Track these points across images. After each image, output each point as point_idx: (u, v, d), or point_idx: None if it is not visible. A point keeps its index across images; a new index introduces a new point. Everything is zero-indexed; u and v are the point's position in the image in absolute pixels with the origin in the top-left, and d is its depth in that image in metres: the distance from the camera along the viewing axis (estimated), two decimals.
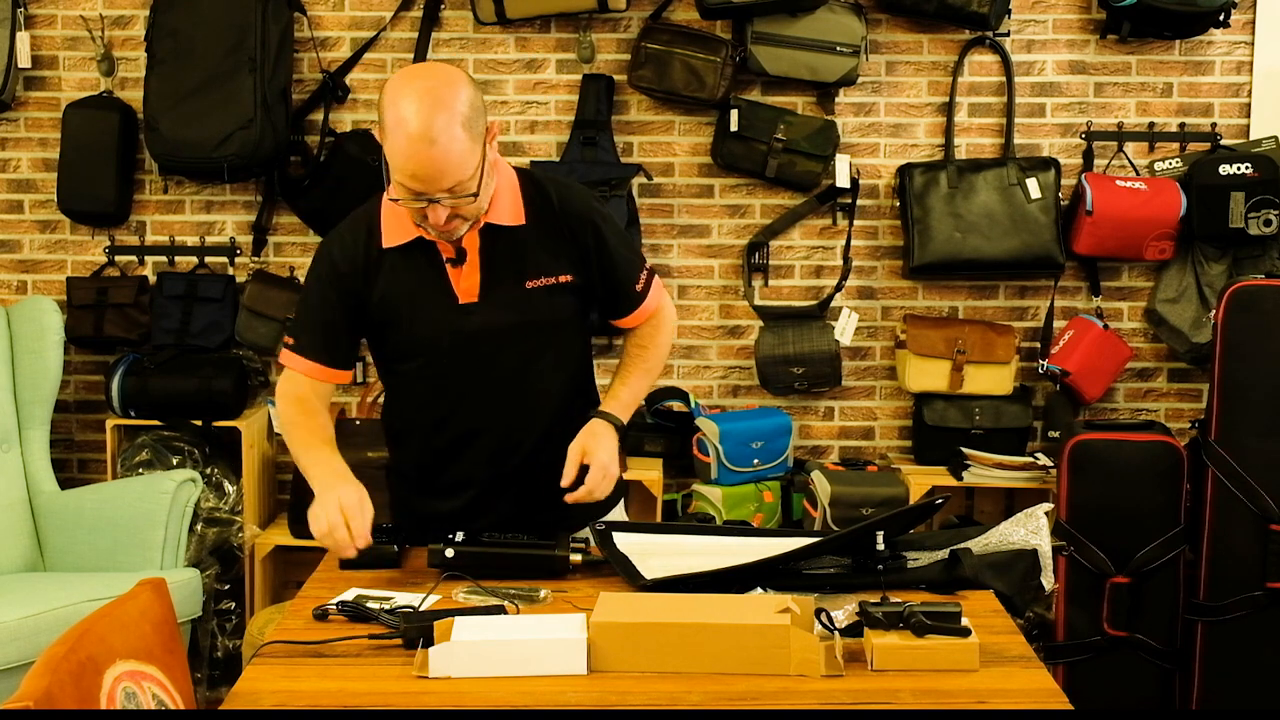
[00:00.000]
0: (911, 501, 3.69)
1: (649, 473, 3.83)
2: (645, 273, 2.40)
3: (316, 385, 2.32)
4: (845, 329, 3.98)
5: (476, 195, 2.13)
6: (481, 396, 2.31)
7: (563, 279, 2.29)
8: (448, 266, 2.25)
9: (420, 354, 2.32)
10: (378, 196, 2.30)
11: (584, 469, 2.23)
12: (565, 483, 2.21)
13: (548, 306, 2.29)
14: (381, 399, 4.00)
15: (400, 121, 2.05)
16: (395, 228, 2.26)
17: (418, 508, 2.41)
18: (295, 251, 4.07)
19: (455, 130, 2.06)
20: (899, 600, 1.89)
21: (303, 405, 2.32)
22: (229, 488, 3.85)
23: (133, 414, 3.85)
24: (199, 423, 3.88)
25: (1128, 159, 3.98)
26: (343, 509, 2.11)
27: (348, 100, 4.01)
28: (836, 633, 1.85)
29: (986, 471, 3.83)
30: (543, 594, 2.07)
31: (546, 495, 2.25)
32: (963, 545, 2.16)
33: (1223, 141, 3.97)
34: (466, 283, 2.26)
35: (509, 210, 2.27)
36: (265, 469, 4.01)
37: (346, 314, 2.30)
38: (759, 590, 2.03)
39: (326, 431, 2.32)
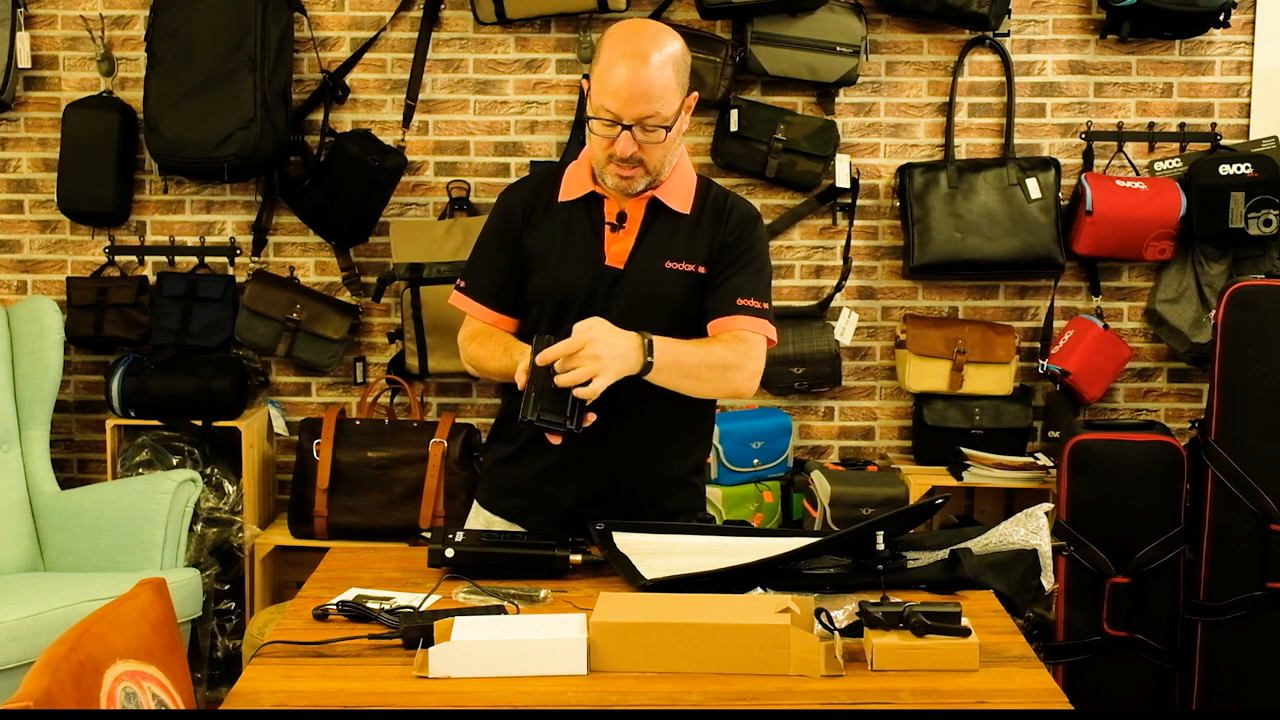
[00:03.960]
0: (911, 501, 3.69)
1: None
2: (758, 305, 2.35)
3: (487, 327, 2.40)
4: (845, 329, 3.98)
5: (666, 135, 2.23)
6: None
7: (699, 269, 2.35)
8: (606, 230, 2.34)
9: (553, 300, 2.35)
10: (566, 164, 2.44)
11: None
12: (542, 360, 2.11)
13: (680, 290, 2.34)
14: (382, 398, 4.03)
15: (621, 40, 2.22)
16: (573, 184, 2.38)
17: (506, 481, 2.43)
18: (295, 251, 4.07)
19: (667, 64, 2.22)
20: (899, 600, 1.89)
21: (480, 335, 2.39)
22: (229, 488, 3.84)
23: (133, 414, 3.85)
24: (199, 423, 3.87)
25: (1128, 159, 3.98)
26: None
27: (348, 100, 4.00)
28: (836, 633, 1.85)
29: (986, 471, 3.83)
30: (543, 594, 2.07)
31: (630, 475, 2.35)
32: (963, 545, 2.16)
33: (1223, 141, 3.96)
34: (618, 246, 2.34)
35: (679, 197, 2.37)
36: (265, 469, 4.01)
37: (510, 260, 2.39)
38: (759, 590, 2.03)
39: (510, 339, 2.37)
